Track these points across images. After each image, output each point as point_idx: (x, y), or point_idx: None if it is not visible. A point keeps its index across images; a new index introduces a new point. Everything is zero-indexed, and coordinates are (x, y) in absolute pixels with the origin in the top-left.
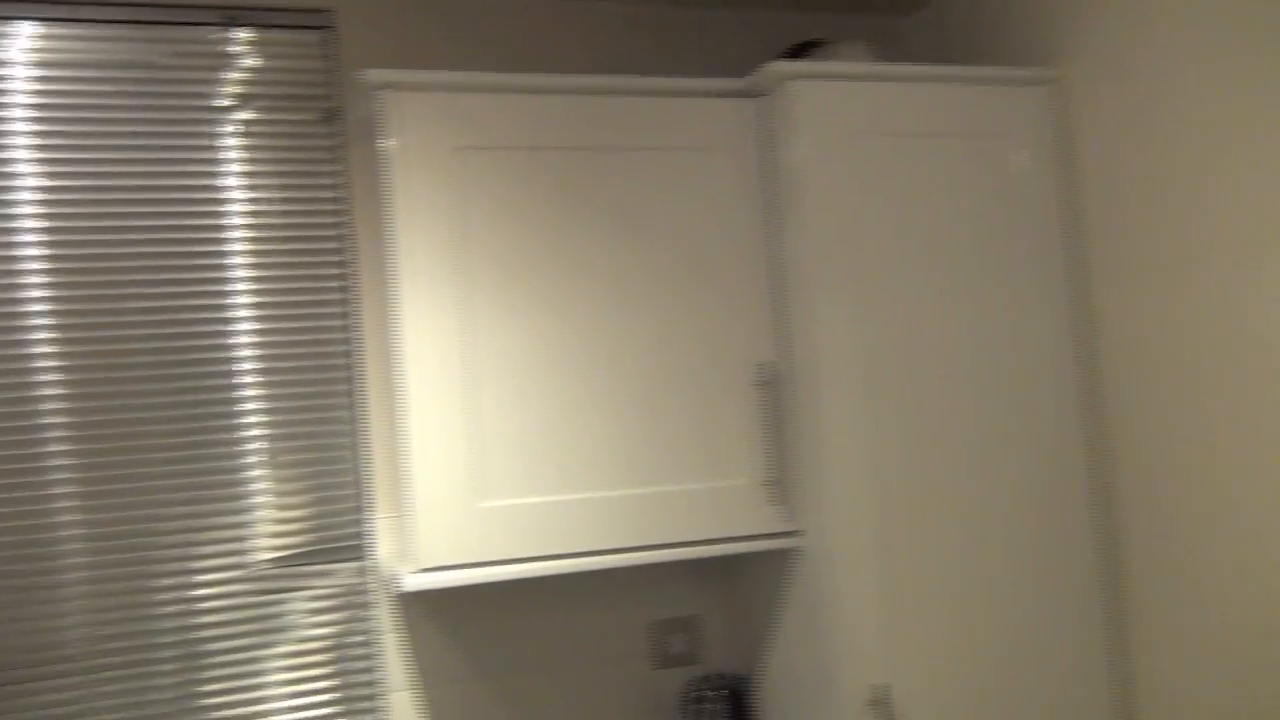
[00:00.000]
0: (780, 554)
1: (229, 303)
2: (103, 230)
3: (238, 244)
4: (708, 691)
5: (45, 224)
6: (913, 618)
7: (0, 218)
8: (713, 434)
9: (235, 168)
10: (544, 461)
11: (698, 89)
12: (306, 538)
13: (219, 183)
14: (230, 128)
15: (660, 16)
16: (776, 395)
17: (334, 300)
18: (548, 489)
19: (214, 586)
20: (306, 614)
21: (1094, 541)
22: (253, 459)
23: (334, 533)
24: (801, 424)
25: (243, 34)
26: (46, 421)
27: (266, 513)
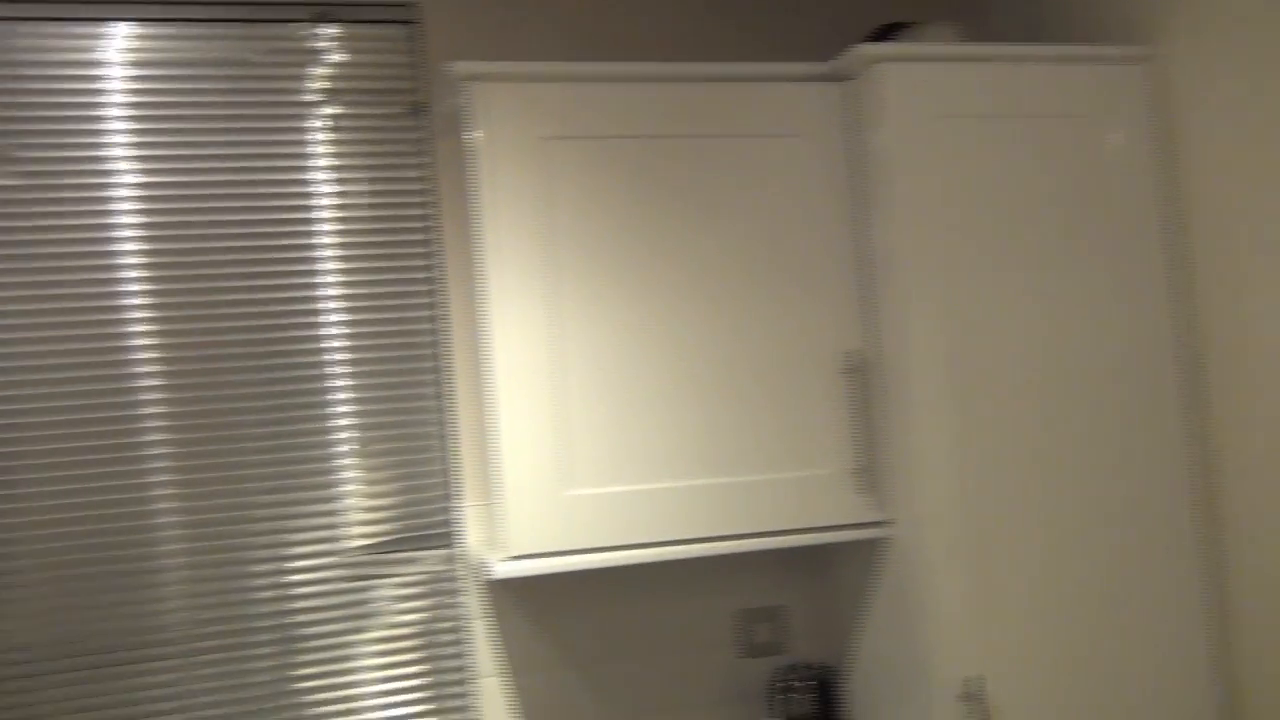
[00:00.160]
0: (868, 544)
1: (319, 295)
2: (197, 225)
3: (327, 237)
4: (795, 681)
5: (142, 220)
6: (1006, 609)
7: (100, 214)
8: (799, 422)
9: (324, 162)
10: (631, 450)
11: (782, 74)
12: (396, 525)
13: (308, 177)
14: (319, 123)
15: (743, 1)
16: (864, 383)
17: (421, 291)
18: (634, 478)
19: (307, 573)
20: (396, 600)
21: (1194, 533)
22: (343, 448)
23: (422, 520)
24: (889, 412)
25: (330, 30)
26: (145, 412)
27: (357, 501)
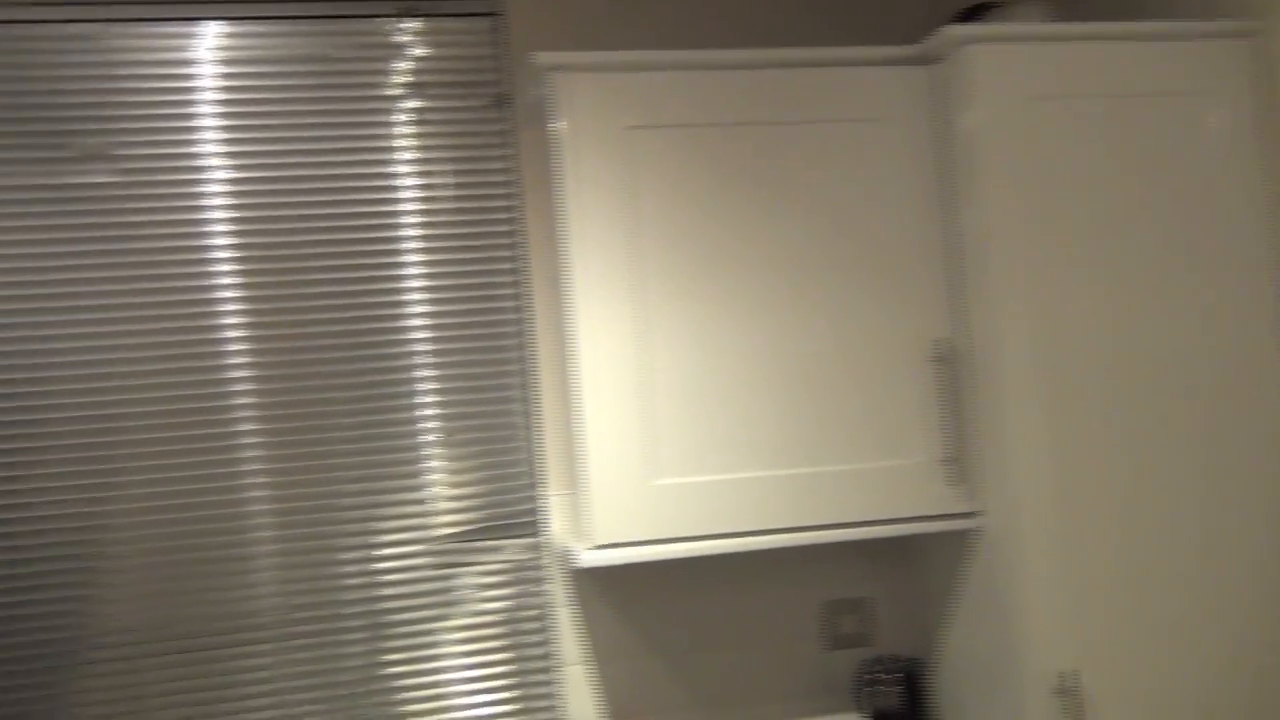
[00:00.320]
0: (957, 535)
1: (404, 286)
2: (285, 219)
3: (412, 229)
4: (881, 674)
5: (233, 214)
6: (1102, 601)
7: (193, 209)
8: (886, 412)
9: (409, 155)
10: (716, 440)
11: (867, 58)
12: (481, 514)
13: (393, 170)
14: (403, 116)
15: None
16: (952, 371)
17: (506, 282)
18: (720, 467)
19: (394, 560)
20: (482, 588)
21: None
22: (429, 438)
23: (507, 509)
24: (979, 401)
25: (414, 24)
26: (237, 403)
27: (443, 490)
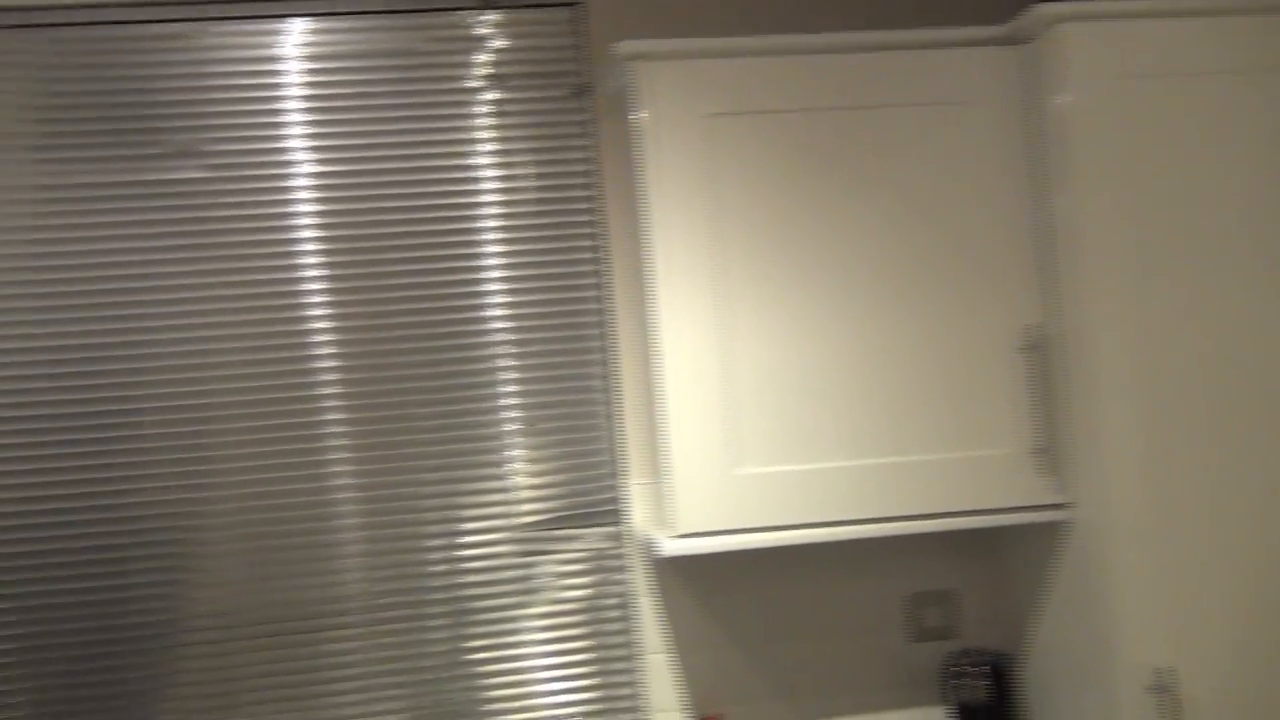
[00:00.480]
0: (1047, 527)
1: (486, 277)
2: (370, 212)
3: (493, 220)
4: (968, 667)
5: (319, 208)
6: (1199, 597)
7: (280, 203)
8: (973, 400)
9: (490, 147)
10: (800, 429)
11: (954, 39)
12: (562, 502)
13: (474, 162)
14: (484, 108)
15: None
16: (1044, 360)
17: (587, 272)
18: (804, 457)
19: (477, 548)
20: (562, 576)
21: None
22: (510, 427)
23: (589, 498)
24: (1071, 390)
25: (494, 15)
26: (324, 393)
27: (524, 479)
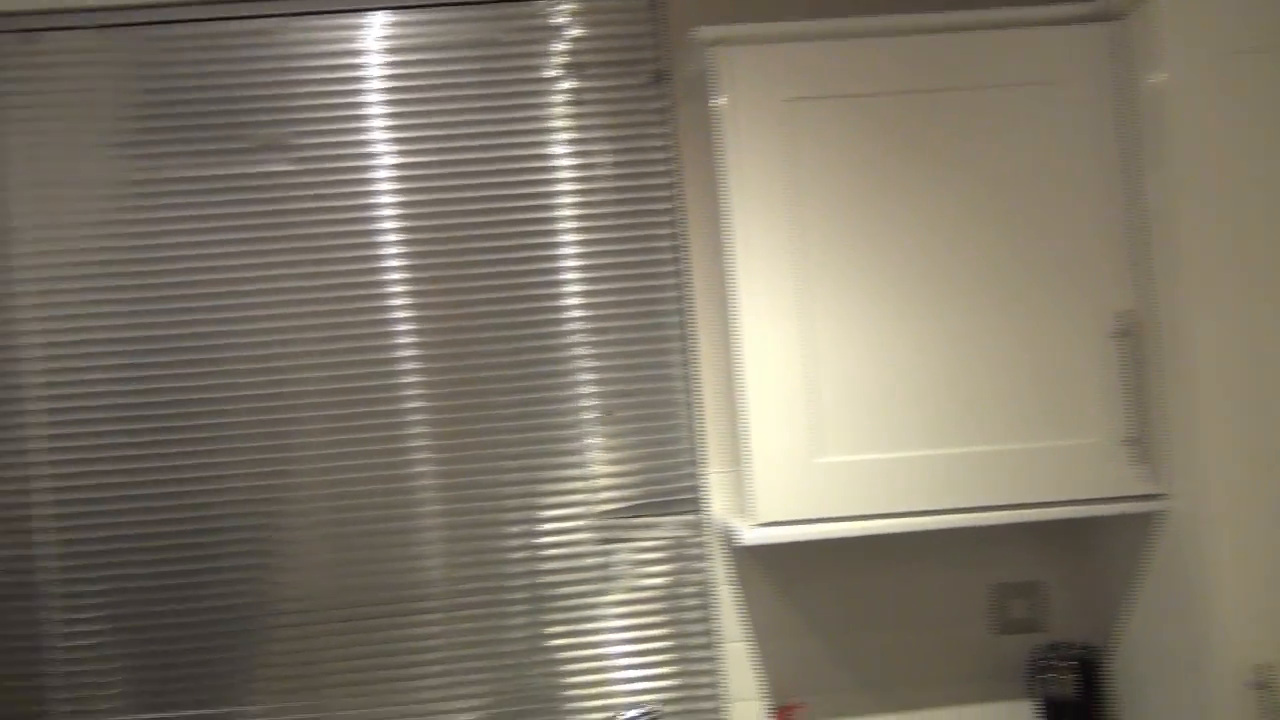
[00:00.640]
0: (1139, 518)
1: (565, 265)
2: (450, 202)
3: (573, 209)
4: (1055, 660)
5: (401, 199)
6: None
7: (363, 195)
8: (1062, 388)
9: (568, 135)
10: (882, 417)
11: (1040, 17)
12: (641, 490)
13: (553, 151)
14: (562, 97)
15: None
16: (1137, 346)
17: (666, 259)
18: (886, 446)
19: (557, 535)
20: (641, 564)
21: None
22: (590, 415)
23: (668, 486)
24: (1165, 377)
25: (571, 4)
26: (405, 382)
27: (603, 467)
